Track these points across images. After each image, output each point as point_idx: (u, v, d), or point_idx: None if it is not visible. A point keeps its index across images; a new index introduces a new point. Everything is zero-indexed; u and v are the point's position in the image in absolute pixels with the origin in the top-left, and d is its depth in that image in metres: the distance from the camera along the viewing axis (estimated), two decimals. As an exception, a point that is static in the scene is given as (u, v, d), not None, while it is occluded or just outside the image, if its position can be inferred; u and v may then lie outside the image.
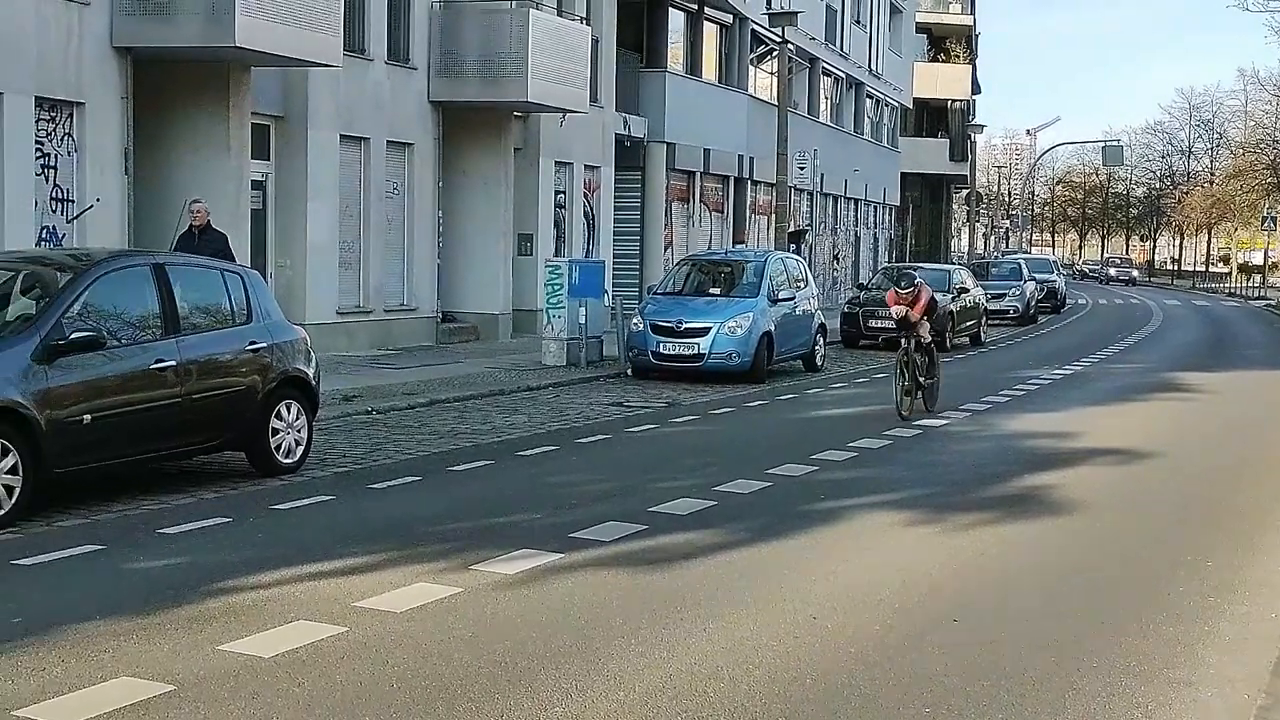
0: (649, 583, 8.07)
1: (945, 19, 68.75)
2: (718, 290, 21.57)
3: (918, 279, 16.96)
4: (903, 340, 16.36)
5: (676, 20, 34.74)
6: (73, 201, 17.72)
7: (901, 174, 58.80)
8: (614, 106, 30.97)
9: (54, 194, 17.50)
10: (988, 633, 7.17)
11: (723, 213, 37.78)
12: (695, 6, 34.99)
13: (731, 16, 37.02)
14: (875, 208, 54.75)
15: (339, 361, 19.94)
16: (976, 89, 72.27)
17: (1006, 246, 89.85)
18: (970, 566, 8.81)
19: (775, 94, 33.89)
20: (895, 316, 16.58)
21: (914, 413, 15.99)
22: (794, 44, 36.90)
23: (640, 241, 33.13)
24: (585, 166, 30.06)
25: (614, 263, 30.84)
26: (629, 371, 20.78)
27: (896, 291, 16.69)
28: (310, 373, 12.03)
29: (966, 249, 70.63)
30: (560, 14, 27.04)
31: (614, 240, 31.69)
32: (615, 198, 31.67)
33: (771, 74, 38.55)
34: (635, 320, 20.90)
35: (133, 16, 18.03)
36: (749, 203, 39.06)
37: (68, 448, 9.64)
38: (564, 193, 29.40)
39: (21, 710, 5.65)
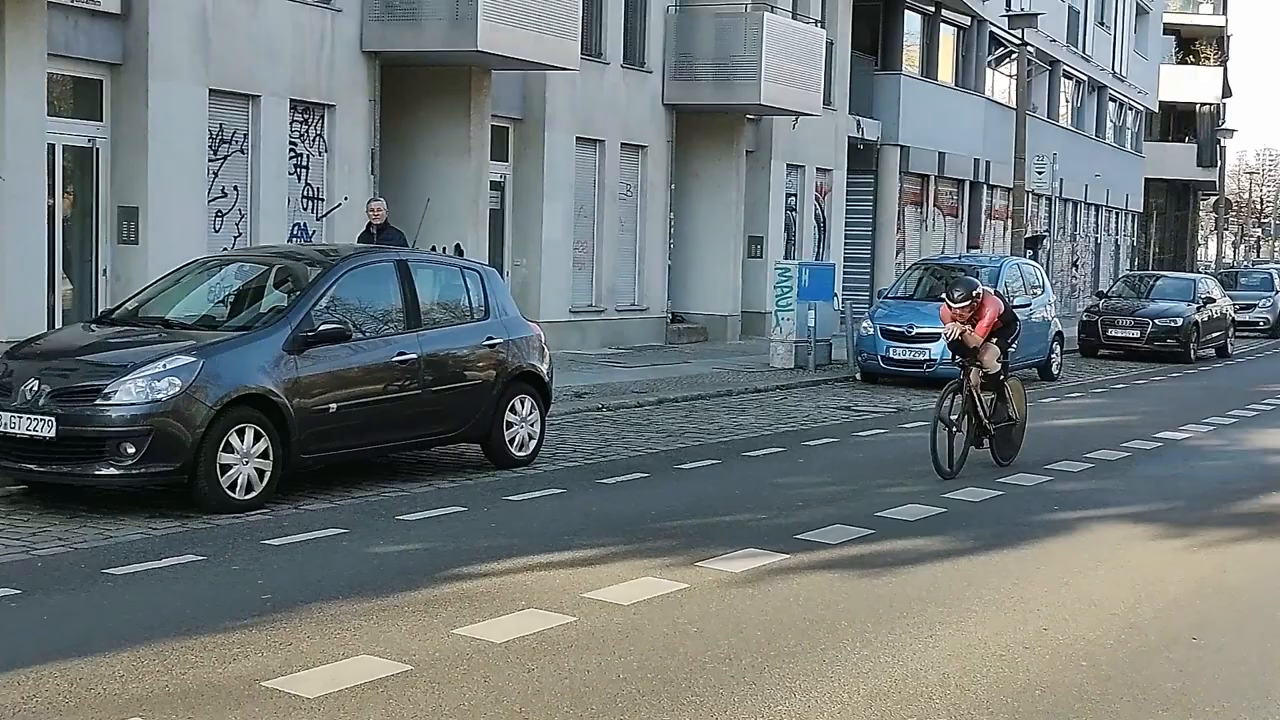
0: (874, 587, 8.02)
1: (1195, 19, 66.20)
2: (950, 295, 21.20)
3: (979, 288, 12.29)
4: (960, 369, 12.36)
5: (913, 22, 34.31)
6: (322, 200, 18.48)
7: (1145, 179, 56.86)
8: (848, 109, 30.77)
9: (305, 192, 18.26)
10: (1230, 652, 6.91)
11: (957, 217, 37.16)
12: (932, 9, 34.51)
13: (969, 18, 36.38)
14: (1116, 214, 53.11)
15: (571, 359, 20.31)
16: (1228, 92, 69.42)
17: (1257, 256, 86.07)
18: (1211, 584, 8.49)
19: (1013, 97, 33.18)
20: (948, 337, 12.22)
21: (961, 468, 11.90)
22: (1034, 46, 36.07)
23: (871, 245, 32.84)
24: (817, 169, 29.94)
25: (844, 266, 30.65)
26: (857, 376, 20.62)
27: (949, 305, 12.13)
28: (544, 369, 12.28)
29: (1214, 258, 67.92)
30: (795, 17, 26.98)
31: (845, 243, 31.51)
32: (847, 200, 31.48)
33: (1010, 76, 37.77)
34: (865, 324, 20.72)
35: (381, 22, 18.70)
36: (984, 207, 38.32)
37: (314, 435, 10.06)
38: (795, 195, 29.34)
39: (269, 681, 5.93)
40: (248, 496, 9.56)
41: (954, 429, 11.87)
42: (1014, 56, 34.75)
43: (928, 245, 34.46)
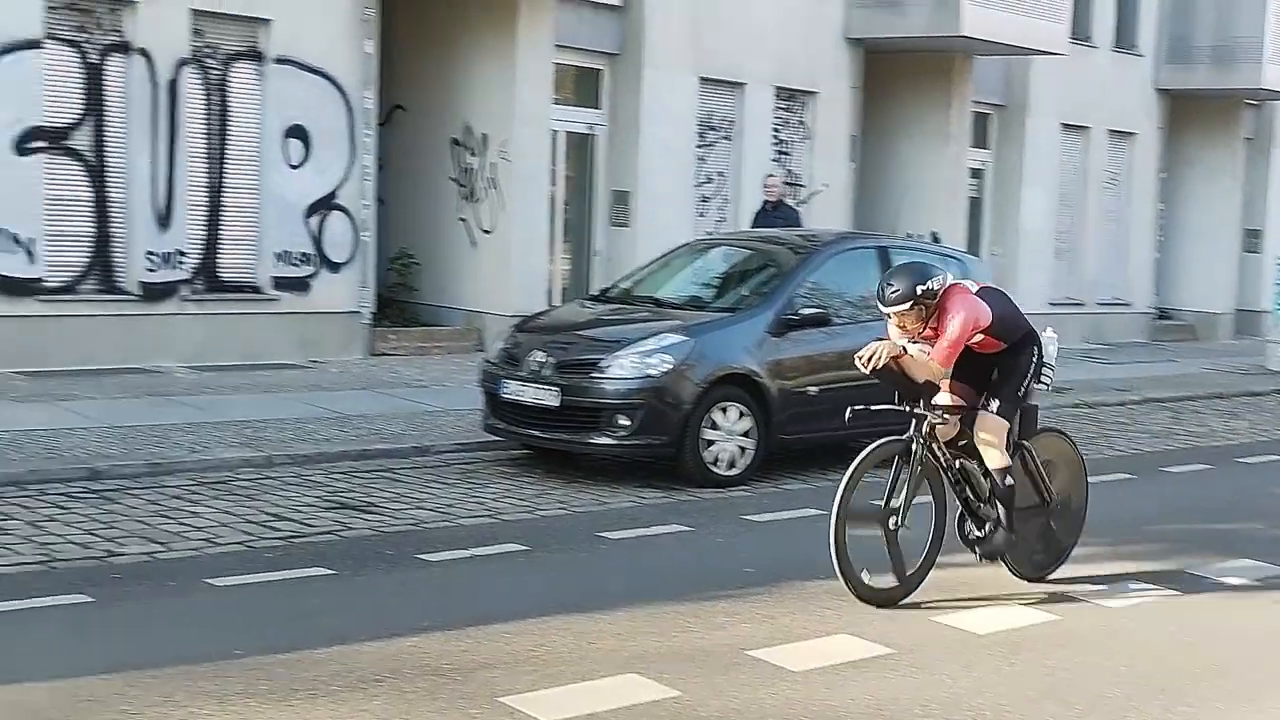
0: (1391, 610, 7.41)
1: None
2: None
3: (934, 278, 6.95)
4: (913, 420, 7.30)
5: None
6: (803, 185, 18.74)
7: None
8: (1364, 92, 28.34)
9: (786, 178, 18.56)
10: None
11: None
12: None
13: None
14: None
15: (1047, 352, 19.71)
16: None
17: None
18: None
19: None
20: (866, 363, 7.14)
21: (923, 579, 7.12)
22: None
23: (1386, 241, 30.14)
24: (1326, 157, 27.76)
25: (1353, 263, 28.27)
26: (1365, 381, 19.03)
27: (881, 307, 7.11)
28: (1025, 361, 11.96)
29: None
30: (1308, -7, 25.10)
31: (1355, 239, 29.06)
32: (1360, 192, 29.00)
33: None
34: (1377, 326, 19.11)
35: (865, 8, 18.78)
36: None
37: (793, 416, 10.25)
38: (1300, 185, 27.32)
39: (754, 651, 6.12)
40: (730, 472, 9.87)
41: (896, 526, 7.05)
42: None
43: None
